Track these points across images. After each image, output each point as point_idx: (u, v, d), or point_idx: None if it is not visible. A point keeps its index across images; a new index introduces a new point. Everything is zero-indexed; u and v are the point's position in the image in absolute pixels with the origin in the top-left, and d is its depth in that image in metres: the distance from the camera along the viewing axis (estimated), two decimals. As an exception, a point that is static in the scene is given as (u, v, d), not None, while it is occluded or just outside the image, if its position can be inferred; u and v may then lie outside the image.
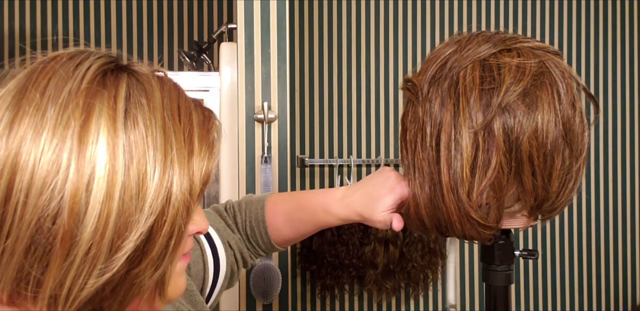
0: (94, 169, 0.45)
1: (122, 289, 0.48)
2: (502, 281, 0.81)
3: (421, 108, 0.75)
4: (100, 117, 0.47)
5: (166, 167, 0.48)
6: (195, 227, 0.57)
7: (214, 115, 0.56)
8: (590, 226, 2.45)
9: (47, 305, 0.47)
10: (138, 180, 0.46)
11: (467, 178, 0.70)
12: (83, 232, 0.45)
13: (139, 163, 0.47)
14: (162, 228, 0.48)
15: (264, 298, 1.40)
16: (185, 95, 0.55)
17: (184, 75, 1.59)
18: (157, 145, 0.48)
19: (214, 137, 0.54)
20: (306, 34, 2.28)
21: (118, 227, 0.46)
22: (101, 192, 0.45)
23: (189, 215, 0.50)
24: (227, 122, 1.45)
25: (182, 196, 0.48)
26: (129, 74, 0.53)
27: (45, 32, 2.15)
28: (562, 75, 0.74)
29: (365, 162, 2.25)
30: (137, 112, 0.48)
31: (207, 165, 0.51)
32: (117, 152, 0.46)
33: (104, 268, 0.46)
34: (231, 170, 1.43)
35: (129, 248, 0.46)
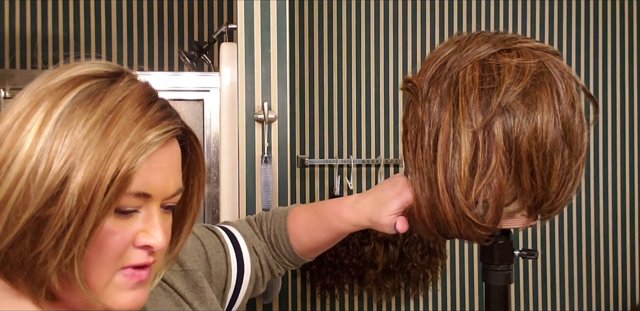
0: (18, 151, 0.52)
1: (25, 264, 0.52)
2: (501, 281, 0.81)
3: (421, 109, 0.75)
4: (42, 112, 0.54)
5: (74, 158, 0.52)
6: (145, 239, 0.57)
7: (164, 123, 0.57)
8: (589, 226, 2.45)
9: None
10: (46, 163, 0.51)
11: (464, 177, 0.70)
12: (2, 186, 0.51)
13: (52, 149, 0.52)
14: (57, 216, 0.51)
15: (264, 298, 1.40)
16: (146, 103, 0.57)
17: (184, 76, 1.59)
18: (77, 138, 0.52)
19: (147, 144, 0.55)
20: (306, 34, 2.28)
21: (16, 204, 0.51)
22: (16, 167, 0.52)
23: (90, 211, 0.52)
24: (227, 122, 1.45)
25: (84, 188, 0.51)
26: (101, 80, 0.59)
27: (45, 32, 2.15)
28: (562, 76, 0.74)
29: (365, 162, 2.25)
30: (74, 112, 0.54)
31: (128, 167, 0.53)
32: (39, 139, 0.52)
33: (3, 231, 0.51)
34: (231, 170, 1.43)
35: (19, 225, 0.51)
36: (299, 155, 2.24)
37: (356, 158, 2.28)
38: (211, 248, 0.89)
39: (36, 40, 2.15)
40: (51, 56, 2.15)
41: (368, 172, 2.29)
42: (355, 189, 2.27)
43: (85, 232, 0.52)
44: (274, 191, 1.40)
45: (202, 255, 0.87)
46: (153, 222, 0.58)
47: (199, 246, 0.87)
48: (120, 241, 0.56)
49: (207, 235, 0.90)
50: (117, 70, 0.61)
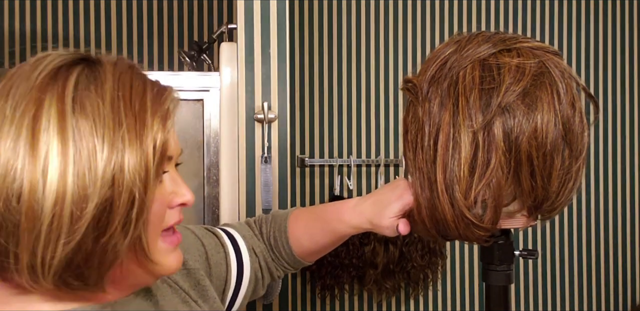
0: (47, 153, 0.52)
1: (95, 256, 0.54)
2: (501, 281, 0.81)
3: (421, 109, 0.75)
4: (50, 107, 0.54)
5: (115, 143, 0.54)
6: (178, 198, 0.62)
7: (170, 89, 0.62)
8: (590, 226, 2.45)
9: (27, 275, 0.54)
10: (89, 157, 0.53)
11: (464, 177, 0.70)
12: (44, 207, 0.52)
13: (87, 142, 0.53)
14: (120, 198, 0.54)
15: (264, 299, 1.40)
16: (140, 75, 0.60)
17: (184, 75, 1.59)
18: (105, 123, 0.54)
19: (167, 109, 0.59)
20: (306, 34, 2.28)
21: (75, 199, 0.52)
22: (55, 171, 0.52)
23: (147, 185, 0.55)
24: (227, 122, 1.45)
25: (134, 167, 0.54)
26: (85, 65, 0.59)
27: (45, 32, 2.15)
28: (562, 75, 0.74)
29: (365, 162, 2.25)
30: (85, 97, 0.55)
31: (162, 136, 0.57)
32: (66, 136, 0.53)
33: (68, 237, 0.52)
34: (231, 170, 1.43)
35: (87, 218, 0.52)
36: (299, 155, 2.24)
37: (356, 158, 2.28)
38: (211, 248, 0.89)
39: (36, 40, 2.15)
40: (51, 56, 2.15)
41: (368, 172, 2.29)
42: (355, 189, 2.27)
43: (148, 203, 0.56)
44: (274, 191, 1.40)
45: (203, 255, 0.87)
46: (179, 181, 0.63)
47: (199, 246, 0.87)
48: (161, 206, 0.60)
49: (206, 236, 0.90)
50: (85, 54, 0.61)
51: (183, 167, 0.68)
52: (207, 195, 1.52)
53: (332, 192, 2.24)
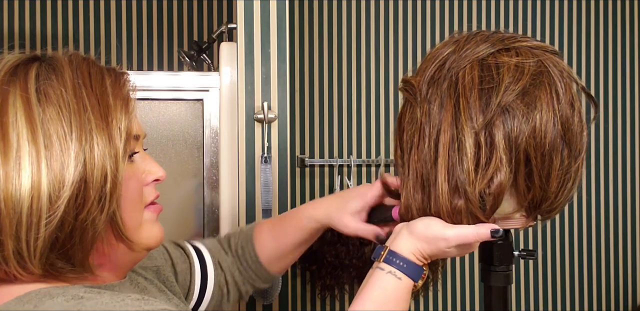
0: (18, 140, 0.56)
1: (76, 233, 0.58)
2: (501, 281, 0.81)
3: (419, 109, 0.75)
4: (15, 100, 0.57)
5: (83, 126, 0.58)
6: (152, 176, 0.68)
7: (127, 76, 0.66)
8: (590, 226, 2.45)
9: (15, 261, 0.57)
10: (59, 141, 0.56)
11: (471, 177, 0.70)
12: (21, 193, 0.55)
13: (56, 127, 0.57)
14: (93, 176, 0.57)
15: (264, 298, 1.40)
16: (96, 64, 0.65)
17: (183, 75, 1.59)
18: (71, 108, 0.58)
19: (127, 92, 0.64)
20: (306, 34, 2.28)
21: (50, 182, 0.56)
22: (27, 157, 0.55)
23: (117, 162, 0.59)
24: (227, 122, 1.45)
25: (103, 147, 0.58)
26: (41, 61, 0.62)
27: (45, 32, 2.15)
28: (561, 75, 0.74)
29: (365, 162, 2.25)
30: (47, 86, 0.59)
31: (126, 116, 0.61)
32: (34, 124, 0.56)
33: (49, 217, 0.55)
34: (231, 170, 1.43)
35: (65, 197, 0.56)
36: (299, 155, 2.24)
37: (356, 158, 2.28)
38: (176, 257, 0.91)
39: (36, 40, 2.15)
40: (51, 56, 2.15)
41: (368, 172, 2.29)
42: (356, 189, 2.27)
43: (120, 179, 0.60)
44: (274, 191, 1.40)
45: (168, 260, 0.89)
46: (148, 159, 0.68)
47: (164, 252, 0.90)
48: (136, 183, 0.65)
49: (171, 246, 0.93)
50: (38, 53, 0.65)
51: (183, 166, 0.72)
52: (207, 195, 1.52)
53: (332, 191, 2.24)
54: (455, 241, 0.72)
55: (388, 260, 0.73)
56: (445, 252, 0.73)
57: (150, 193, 0.68)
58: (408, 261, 0.72)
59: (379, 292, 0.71)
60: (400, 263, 0.72)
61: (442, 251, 0.73)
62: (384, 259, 0.74)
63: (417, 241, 0.73)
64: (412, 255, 0.73)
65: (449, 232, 0.72)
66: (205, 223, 1.53)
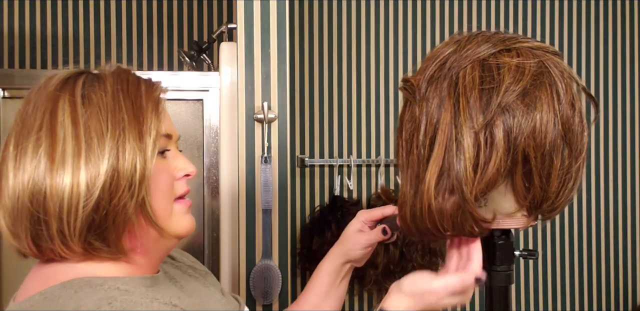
0: (64, 137, 0.66)
1: (109, 216, 0.66)
2: (502, 281, 0.81)
3: (418, 108, 0.75)
4: (65, 103, 0.68)
5: (117, 124, 0.67)
6: (182, 171, 0.75)
7: (159, 82, 0.75)
8: (590, 226, 2.45)
9: (58, 239, 0.66)
10: (97, 137, 0.66)
11: (470, 177, 0.70)
12: (63, 179, 0.65)
13: (95, 125, 0.67)
14: (124, 166, 0.66)
15: (264, 298, 1.40)
16: (134, 74, 0.74)
17: (183, 75, 1.59)
18: (108, 109, 0.68)
19: (157, 96, 0.72)
20: (306, 34, 2.27)
21: (88, 171, 0.65)
22: (70, 150, 0.66)
23: (146, 155, 0.68)
24: (227, 122, 1.45)
25: (134, 141, 0.67)
26: (88, 73, 0.73)
27: (45, 32, 2.15)
28: (562, 75, 0.74)
29: (365, 162, 2.25)
30: (91, 91, 0.69)
31: (155, 117, 0.70)
32: (78, 122, 0.67)
33: (86, 201, 0.65)
34: (231, 170, 1.43)
35: (99, 183, 0.65)
36: (299, 155, 2.24)
37: (356, 158, 2.27)
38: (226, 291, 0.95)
39: (36, 40, 2.15)
40: (51, 56, 2.15)
41: (368, 172, 2.29)
42: (355, 189, 2.27)
43: (149, 170, 0.68)
44: (274, 191, 1.40)
45: (218, 285, 0.94)
46: (180, 157, 0.76)
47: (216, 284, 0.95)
48: (167, 177, 0.73)
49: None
50: (86, 69, 0.75)
51: None
52: (207, 195, 1.52)
53: (332, 192, 2.24)
54: (444, 292, 0.72)
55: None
56: (438, 305, 0.73)
57: (180, 187, 0.76)
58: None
59: None
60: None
61: (433, 305, 0.73)
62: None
63: (407, 298, 0.74)
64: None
65: (435, 283, 0.73)
66: (206, 223, 1.53)
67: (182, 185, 0.76)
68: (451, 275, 0.73)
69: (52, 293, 0.64)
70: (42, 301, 0.64)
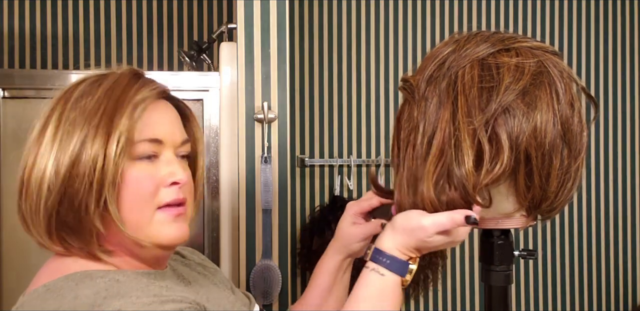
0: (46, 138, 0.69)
1: (72, 219, 0.67)
2: (501, 281, 0.81)
3: (417, 107, 0.75)
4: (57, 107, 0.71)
5: (89, 128, 0.68)
6: (171, 178, 0.72)
7: (152, 83, 0.74)
8: (590, 226, 2.45)
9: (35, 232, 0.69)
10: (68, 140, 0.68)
11: (471, 172, 0.70)
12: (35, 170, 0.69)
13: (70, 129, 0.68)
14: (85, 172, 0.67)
15: (264, 298, 1.40)
16: (138, 76, 0.74)
17: (183, 75, 1.59)
18: (86, 113, 0.69)
19: (140, 98, 0.71)
20: (306, 34, 2.28)
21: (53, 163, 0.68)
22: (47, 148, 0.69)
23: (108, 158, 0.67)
24: (227, 122, 1.45)
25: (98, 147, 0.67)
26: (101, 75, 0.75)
27: (45, 32, 2.15)
28: (561, 75, 0.74)
29: (365, 162, 2.25)
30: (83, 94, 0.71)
31: (129, 121, 0.69)
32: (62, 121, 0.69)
33: (49, 189, 0.67)
34: (231, 170, 1.43)
35: (58, 184, 0.67)
36: (299, 155, 2.24)
37: (356, 158, 2.28)
38: (237, 291, 0.95)
39: (36, 40, 2.15)
40: (51, 56, 2.15)
41: (368, 172, 2.29)
42: (355, 189, 2.27)
43: (109, 176, 0.67)
44: (274, 191, 1.40)
45: (228, 283, 0.94)
46: (173, 164, 0.73)
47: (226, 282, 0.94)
48: (150, 183, 0.71)
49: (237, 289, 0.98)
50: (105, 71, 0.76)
51: None
52: (207, 195, 1.52)
53: (332, 192, 2.24)
54: (433, 229, 0.72)
55: (374, 258, 0.74)
56: (428, 242, 0.73)
57: (167, 195, 0.72)
58: (391, 257, 0.73)
59: (363, 289, 0.73)
60: (383, 260, 0.73)
61: (424, 242, 0.73)
62: (370, 257, 0.75)
63: (399, 235, 0.74)
64: (395, 251, 0.73)
65: (424, 220, 0.72)
66: (206, 223, 1.53)
67: (169, 192, 0.73)
68: (442, 213, 0.73)
69: (55, 285, 0.66)
70: (45, 292, 0.65)
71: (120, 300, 0.61)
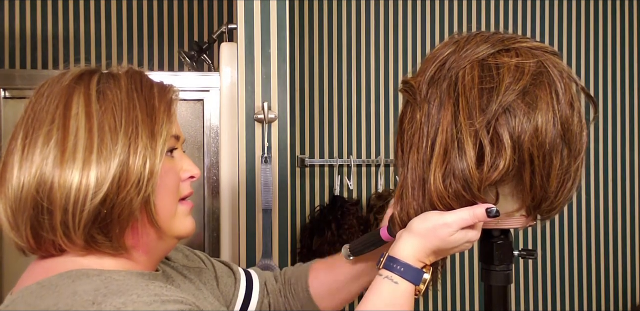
0: (77, 130, 0.67)
1: (115, 210, 0.66)
2: (501, 281, 0.81)
3: (419, 109, 0.75)
4: (80, 96, 0.69)
5: (130, 120, 0.68)
6: (187, 173, 0.76)
7: (171, 85, 0.76)
8: (589, 226, 2.45)
9: (61, 230, 0.66)
10: (110, 131, 0.67)
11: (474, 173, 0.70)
12: (72, 171, 0.65)
13: (109, 120, 0.68)
14: (135, 162, 0.67)
15: (263, 298, 1.40)
16: (146, 76, 0.75)
17: (184, 75, 1.59)
18: (122, 106, 0.69)
19: (170, 98, 0.74)
20: (306, 34, 2.28)
21: (100, 163, 0.66)
22: (82, 143, 0.66)
23: (156, 152, 0.69)
24: (227, 122, 1.45)
25: (146, 138, 0.68)
26: (102, 72, 0.74)
27: (45, 32, 2.16)
28: (561, 75, 0.74)
29: (365, 162, 2.25)
30: (106, 88, 0.70)
31: (167, 116, 0.71)
32: (92, 116, 0.67)
33: (95, 192, 0.65)
34: (231, 170, 1.43)
35: (109, 177, 0.66)
36: (299, 155, 2.24)
37: (356, 158, 2.28)
38: (221, 271, 0.96)
39: (36, 40, 2.16)
40: (51, 56, 2.15)
41: (368, 172, 2.29)
42: (355, 189, 2.27)
43: (157, 168, 0.69)
44: (274, 191, 1.40)
45: (212, 271, 0.94)
46: (186, 159, 0.77)
47: (210, 265, 0.95)
48: (174, 177, 0.74)
49: (218, 262, 0.98)
50: (99, 67, 0.76)
51: None
52: (207, 195, 1.52)
53: (332, 192, 2.24)
54: (456, 225, 0.72)
55: (387, 266, 0.73)
56: (449, 241, 0.73)
57: (185, 189, 0.76)
58: (406, 265, 0.72)
59: (375, 297, 0.72)
60: (397, 268, 0.72)
61: (445, 241, 0.73)
62: (383, 265, 0.74)
63: (417, 238, 0.73)
64: (411, 258, 0.73)
65: (447, 217, 0.72)
66: (206, 223, 1.53)
67: (186, 186, 0.77)
68: (462, 209, 0.73)
69: (50, 282, 0.65)
70: (39, 289, 0.64)
71: (122, 297, 0.60)
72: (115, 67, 0.75)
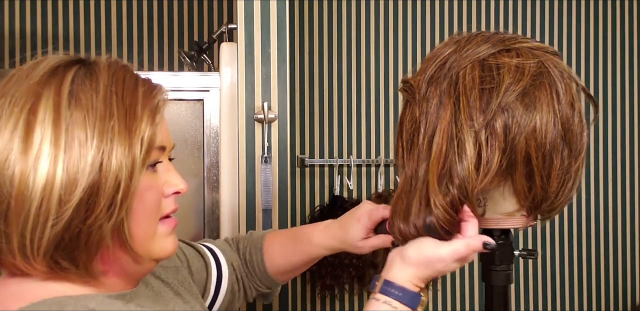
0: (41, 142, 0.56)
1: (82, 236, 0.58)
2: (501, 281, 0.81)
3: (418, 108, 0.75)
4: (48, 100, 0.58)
5: (105, 132, 0.58)
6: (172, 188, 0.67)
7: (160, 86, 0.67)
8: (590, 226, 2.45)
9: (19, 255, 0.58)
10: (79, 146, 0.57)
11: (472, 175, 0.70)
12: (32, 192, 0.56)
13: (79, 132, 0.57)
14: (106, 184, 0.57)
15: (264, 298, 1.40)
16: (133, 72, 0.65)
17: (184, 75, 1.59)
18: (97, 115, 0.59)
19: (156, 103, 0.64)
20: (306, 34, 2.28)
21: (63, 185, 0.56)
22: (46, 159, 0.56)
23: (133, 173, 0.59)
24: (227, 122, 1.45)
25: (121, 156, 0.58)
26: (81, 65, 0.63)
27: (45, 32, 2.15)
28: (561, 76, 0.74)
29: (365, 162, 2.25)
30: (80, 90, 0.59)
31: (150, 128, 0.61)
32: (59, 126, 0.57)
33: (56, 218, 0.56)
34: (231, 170, 1.43)
35: (74, 201, 0.56)
36: (299, 155, 2.24)
37: (356, 158, 2.28)
38: (191, 256, 0.92)
39: (36, 40, 2.15)
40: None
41: (368, 172, 2.29)
42: (355, 189, 2.27)
43: (133, 188, 0.59)
44: (274, 191, 1.40)
45: (185, 261, 0.90)
46: (172, 172, 0.68)
47: (181, 254, 0.91)
48: (155, 194, 0.64)
49: (185, 246, 0.94)
50: (81, 56, 0.65)
51: (183, 166, 0.71)
52: (207, 195, 1.52)
53: (332, 192, 2.24)
54: (451, 259, 0.71)
55: (384, 291, 0.72)
56: (443, 271, 0.73)
57: (168, 206, 0.67)
58: (404, 289, 0.72)
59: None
60: (395, 293, 0.71)
61: (440, 271, 0.73)
62: (379, 290, 0.73)
63: (412, 267, 0.73)
64: (408, 283, 0.72)
65: (442, 250, 0.71)
66: (206, 223, 1.53)
67: (169, 202, 0.67)
68: (457, 241, 0.72)
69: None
70: None
71: None
72: (101, 60, 0.65)
